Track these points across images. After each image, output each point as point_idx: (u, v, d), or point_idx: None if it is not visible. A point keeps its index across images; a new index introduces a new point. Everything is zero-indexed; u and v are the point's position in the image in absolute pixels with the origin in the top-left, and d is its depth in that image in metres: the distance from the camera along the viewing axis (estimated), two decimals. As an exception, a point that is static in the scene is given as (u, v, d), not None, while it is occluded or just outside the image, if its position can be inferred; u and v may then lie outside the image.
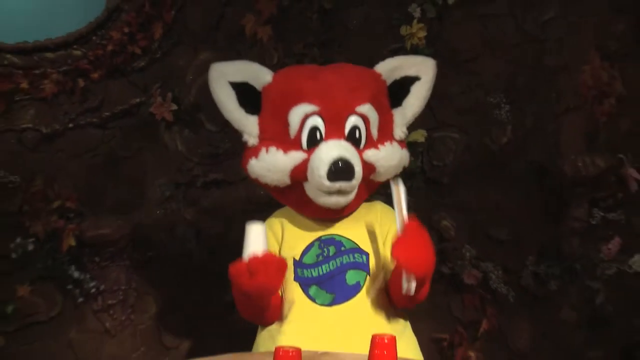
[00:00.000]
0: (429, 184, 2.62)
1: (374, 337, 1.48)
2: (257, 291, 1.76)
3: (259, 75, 1.95)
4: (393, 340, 1.48)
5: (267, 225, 2.01)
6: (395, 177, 1.87)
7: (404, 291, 1.75)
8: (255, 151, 1.92)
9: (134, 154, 2.62)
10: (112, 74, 2.55)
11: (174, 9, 2.53)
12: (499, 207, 2.58)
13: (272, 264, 1.74)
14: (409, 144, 2.40)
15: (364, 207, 2.00)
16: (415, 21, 2.50)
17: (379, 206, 2.03)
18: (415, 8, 2.52)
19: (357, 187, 1.87)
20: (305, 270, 1.92)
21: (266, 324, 1.94)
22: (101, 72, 2.53)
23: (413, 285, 1.75)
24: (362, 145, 1.88)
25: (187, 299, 2.61)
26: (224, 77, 1.94)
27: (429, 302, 2.16)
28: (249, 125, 1.94)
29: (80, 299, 2.57)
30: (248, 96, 1.95)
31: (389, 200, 1.94)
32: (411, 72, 1.97)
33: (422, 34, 2.50)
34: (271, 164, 1.89)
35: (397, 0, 2.53)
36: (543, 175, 2.54)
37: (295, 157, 1.87)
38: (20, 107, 2.53)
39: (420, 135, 2.53)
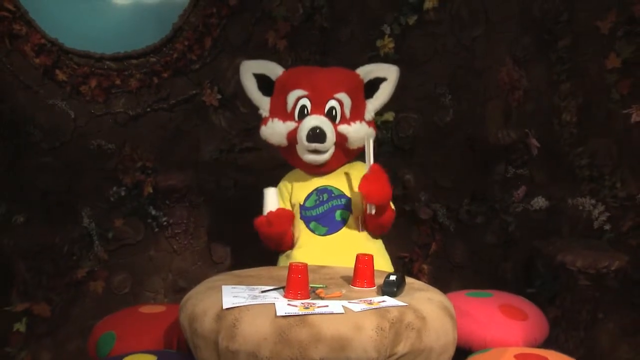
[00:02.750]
0: (396, 149, 2.81)
1: (357, 255, 1.75)
2: (275, 235, 2.05)
3: (274, 70, 2.20)
4: (371, 258, 1.72)
5: (280, 184, 2.28)
6: (369, 137, 2.06)
7: (368, 212, 1.99)
8: (265, 121, 2.18)
9: (192, 129, 2.77)
10: (177, 74, 2.72)
11: (219, 28, 2.70)
12: (445, 166, 2.79)
13: (284, 216, 2.04)
14: (383, 122, 2.67)
15: (348, 166, 2.23)
16: (386, 36, 2.71)
17: (358, 165, 2.26)
18: (387, 27, 2.73)
19: (329, 148, 2.06)
20: (307, 212, 2.17)
21: (283, 250, 2.21)
22: (169, 72, 2.71)
23: (373, 209, 2.00)
24: (337, 121, 2.10)
25: (228, 229, 2.76)
26: (250, 69, 2.19)
27: (395, 231, 2.40)
28: (263, 103, 2.20)
29: (157, 229, 2.76)
30: (266, 83, 2.19)
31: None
32: (380, 75, 2.20)
33: (392, 45, 2.71)
34: (274, 129, 2.14)
35: (373, 21, 2.71)
36: (475, 143, 2.75)
37: (290, 125, 2.11)
38: (115, 97, 2.70)
39: (390, 116, 2.75)
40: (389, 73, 2.15)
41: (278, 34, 2.70)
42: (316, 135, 1.98)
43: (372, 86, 2.14)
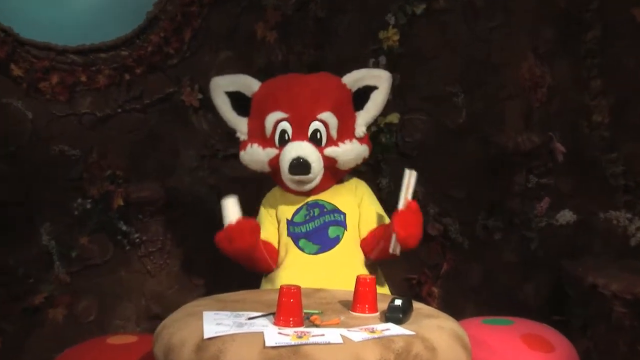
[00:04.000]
0: (401, 155, 2.81)
1: (358, 277, 1.74)
2: (239, 253, 2.03)
3: (249, 85, 2.22)
4: (373, 280, 1.73)
5: (265, 199, 2.31)
6: (410, 168, 2.04)
7: (390, 251, 2.00)
8: (244, 145, 2.20)
9: (169, 132, 2.79)
10: (151, 70, 2.73)
11: (200, 18, 2.71)
12: (457, 175, 2.80)
13: (245, 228, 1.99)
14: (386, 124, 2.70)
15: (342, 183, 2.26)
16: (390, 27, 2.74)
17: (353, 180, 2.30)
18: (391, 17, 2.75)
19: (316, 177, 2.10)
20: (295, 227, 2.18)
21: (264, 271, 2.20)
22: (143, 68, 2.71)
23: (399, 249, 2.01)
24: (323, 144, 2.12)
25: (210, 247, 2.29)
26: (221, 88, 2.21)
27: (401, 250, 2.37)
28: (240, 125, 2.23)
29: (128, 247, 2.76)
30: (241, 101, 2.21)
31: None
32: (371, 83, 2.21)
33: (396, 37, 2.73)
34: (253, 157, 2.17)
35: (375, 10, 2.74)
36: (491, 149, 2.77)
37: (270, 152, 2.14)
38: (80, 96, 2.70)
39: (395, 118, 2.75)
40: (380, 80, 2.17)
41: (267, 25, 2.73)
42: (299, 166, 2.02)
43: (362, 95, 2.17)
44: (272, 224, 2.21)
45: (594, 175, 2.61)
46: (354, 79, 2.17)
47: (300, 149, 2.03)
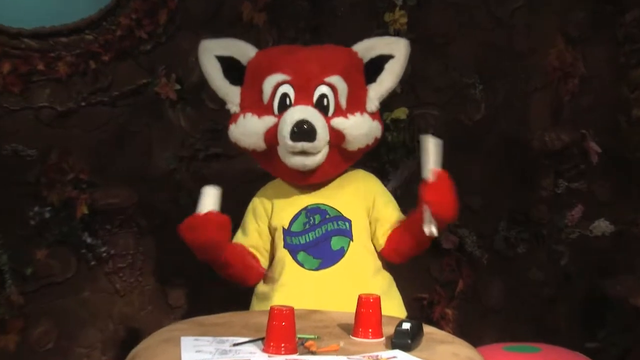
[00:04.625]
0: (410, 156, 2.79)
1: (360, 297, 1.72)
2: (197, 245, 2.03)
3: (244, 51, 2.21)
4: (378, 300, 1.68)
5: (255, 199, 2.29)
6: (427, 135, 2.04)
7: (426, 231, 1.98)
8: (235, 118, 2.18)
9: (141, 129, 2.78)
10: (121, 57, 2.71)
11: None
12: (474, 178, 2.80)
13: (212, 221, 1.99)
14: (393, 120, 2.70)
15: (347, 176, 2.24)
16: (397, 8, 2.73)
17: (361, 174, 2.27)
18: None
19: (321, 148, 2.07)
20: (293, 238, 2.16)
21: (243, 284, 2.19)
22: (111, 54, 2.69)
23: (434, 228, 1.99)
24: (330, 113, 2.10)
25: (190, 262, 2.47)
26: (211, 51, 2.20)
27: (410, 265, 2.42)
28: (231, 94, 2.20)
29: (93, 262, 2.74)
30: (234, 69, 2.19)
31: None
32: (385, 51, 2.19)
33: (404, 20, 2.72)
34: (247, 128, 2.13)
35: None
36: (513, 148, 2.79)
37: (268, 121, 2.11)
38: (37, 87, 2.66)
39: (402, 113, 2.74)
40: (396, 48, 2.16)
41: (255, 6, 2.73)
42: (303, 131, 1.98)
43: (375, 67, 2.16)
44: (257, 231, 2.21)
45: (633, 179, 2.63)
46: (366, 47, 2.17)
47: (305, 112, 2.01)
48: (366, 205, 2.18)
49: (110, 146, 2.77)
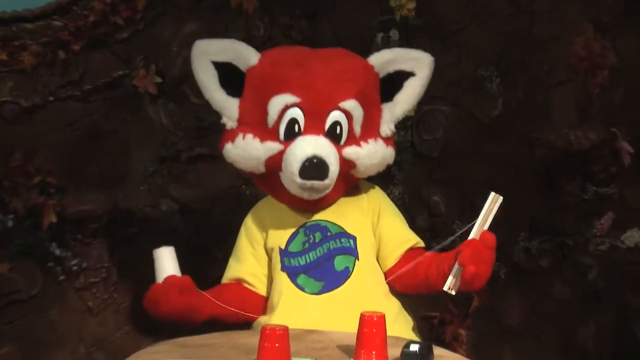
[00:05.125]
0: (418, 158, 2.81)
1: (362, 315, 1.72)
2: (166, 317, 2.03)
3: (245, 55, 2.17)
4: (382, 318, 1.68)
5: (248, 218, 2.29)
6: (497, 195, 2.04)
7: (445, 287, 1.96)
8: (232, 135, 2.15)
9: (117, 127, 2.79)
10: (94, 46, 2.71)
11: None
12: (490, 182, 2.65)
13: (172, 287, 2.00)
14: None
15: (349, 191, 2.24)
16: None
17: (363, 185, 2.26)
18: None
19: (331, 185, 2.08)
20: (292, 259, 2.16)
21: (248, 321, 2.19)
22: (82, 43, 2.69)
23: (457, 288, 1.97)
24: (342, 142, 2.09)
25: None
26: (207, 56, 2.15)
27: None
28: (228, 108, 2.17)
29: (62, 277, 2.75)
30: (232, 77, 2.16)
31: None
32: (406, 67, 2.18)
33: (412, 5, 2.72)
34: (246, 152, 2.11)
35: None
36: (535, 148, 2.76)
37: (271, 147, 2.08)
38: None
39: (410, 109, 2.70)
40: (419, 66, 2.16)
41: None
42: (315, 168, 1.97)
43: (393, 84, 2.16)
44: (253, 256, 2.21)
45: (672, 183, 2.55)
46: (385, 60, 2.15)
47: (317, 145, 1.98)
48: (371, 219, 2.19)
49: (82, 146, 2.77)
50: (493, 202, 1.95)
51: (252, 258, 2.20)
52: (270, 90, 2.07)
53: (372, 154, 2.10)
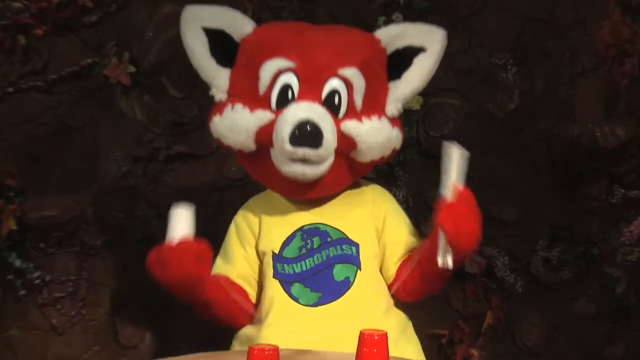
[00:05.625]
0: (424, 157, 2.78)
1: (362, 334, 1.65)
2: (171, 283, 1.97)
3: (239, 24, 2.15)
4: (384, 337, 1.64)
5: (238, 217, 2.26)
6: (458, 148, 1.99)
7: (440, 263, 1.94)
8: (220, 107, 2.12)
9: (85, 123, 2.77)
10: (59, 30, 2.69)
11: None
12: (505, 184, 2.79)
13: (188, 251, 1.93)
14: (404, 113, 2.57)
15: (353, 191, 2.22)
16: None
17: (370, 188, 2.24)
18: None
19: (327, 157, 2.04)
20: (286, 266, 2.12)
21: (232, 325, 2.16)
22: (46, 27, 2.66)
23: (450, 259, 1.94)
24: (341, 114, 2.06)
25: (148, 290, 2.57)
26: (197, 21, 2.14)
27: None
28: (218, 78, 2.14)
29: (22, 292, 2.71)
30: (224, 46, 2.14)
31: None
32: (416, 42, 2.14)
33: None
34: (235, 123, 2.08)
35: None
36: (555, 146, 2.77)
37: (262, 116, 2.05)
38: None
39: (415, 102, 2.69)
40: (430, 41, 2.11)
41: None
42: (307, 134, 1.92)
43: (400, 60, 2.11)
44: (244, 257, 2.17)
45: None
46: (392, 34, 2.12)
47: (311, 109, 1.95)
48: (375, 225, 2.15)
49: (45, 144, 2.75)
50: (452, 153, 1.93)
51: (242, 260, 2.17)
52: (262, 55, 2.05)
53: (375, 131, 2.06)
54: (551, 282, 2.80)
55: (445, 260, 1.92)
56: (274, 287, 2.10)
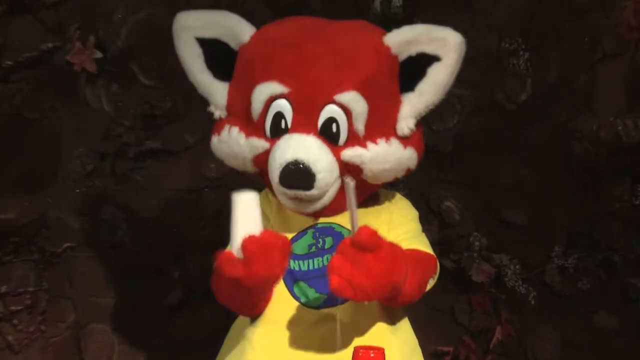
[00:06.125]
0: (427, 154, 2.61)
1: (356, 351, 1.65)
2: (255, 283, 1.89)
3: (235, 31, 2.12)
4: (380, 355, 1.64)
5: (261, 195, 2.22)
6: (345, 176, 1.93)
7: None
8: (219, 127, 2.11)
9: (45, 115, 2.76)
10: (16, 11, 2.67)
11: None
12: (517, 184, 2.79)
13: (275, 247, 1.86)
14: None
15: (375, 195, 2.19)
16: None
17: (390, 195, 2.22)
18: None
19: (324, 194, 2.01)
20: (292, 262, 2.08)
21: (255, 315, 2.10)
22: (1, 7, 2.64)
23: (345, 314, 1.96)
24: (341, 141, 2.02)
25: (116, 302, 2.78)
26: (190, 31, 2.11)
27: (427, 306, 2.41)
28: (215, 94, 2.13)
29: None
30: (222, 57, 2.11)
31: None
32: (429, 50, 2.07)
33: None
34: (232, 148, 2.07)
35: None
36: (572, 142, 2.76)
37: (256, 145, 2.03)
38: None
39: None
40: (444, 49, 2.04)
41: None
42: (294, 177, 1.91)
43: (415, 69, 2.06)
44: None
45: None
46: (403, 40, 2.05)
47: (301, 147, 1.92)
48: (386, 230, 2.09)
49: (0, 138, 2.73)
50: (349, 191, 1.81)
51: None
52: (255, 77, 2.03)
53: (382, 157, 2.01)
54: (568, 293, 2.80)
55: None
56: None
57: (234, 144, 2.04)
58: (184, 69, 2.10)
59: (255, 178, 2.16)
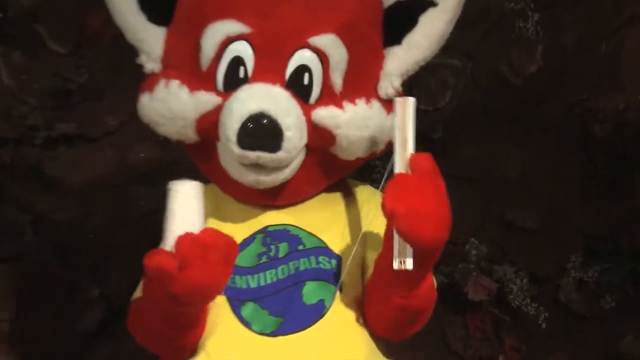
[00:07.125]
0: (415, 138, 2.80)
1: None
2: (188, 294, 1.84)
3: None
4: None
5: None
6: (402, 95, 1.95)
7: (395, 266, 1.85)
8: (151, 83, 2.05)
9: None
10: None
11: None
12: (523, 177, 2.80)
13: (216, 248, 1.83)
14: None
15: (337, 191, 2.16)
16: None
17: (360, 188, 2.18)
18: None
19: (289, 162, 1.99)
20: (237, 278, 2.03)
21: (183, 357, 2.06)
22: None
23: (409, 261, 1.82)
24: (312, 99, 1.98)
25: (21, 324, 2.76)
26: None
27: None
28: (148, 40, 2.07)
29: None
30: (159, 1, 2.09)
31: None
32: None
33: None
34: (168, 107, 2.01)
35: None
36: (592, 125, 2.76)
37: (204, 100, 1.98)
38: None
39: None
40: None
41: None
42: (259, 133, 1.86)
43: (402, 18, 2.02)
44: None
45: None
46: None
47: (267, 97, 1.86)
48: (363, 233, 2.07)
49: None
50: (403, 110, 1.83)
51: None
52: (207, 13, 1.99)
53: (361, 120, 1.96)
54: (587, 314, 2.81)
55: (403, 261, 1.81)
56: (219, 306, 1.99)
57: (172, 100, 1.97)
58: (110, 9, 2.02)
59: (194, 167, 2.10)
